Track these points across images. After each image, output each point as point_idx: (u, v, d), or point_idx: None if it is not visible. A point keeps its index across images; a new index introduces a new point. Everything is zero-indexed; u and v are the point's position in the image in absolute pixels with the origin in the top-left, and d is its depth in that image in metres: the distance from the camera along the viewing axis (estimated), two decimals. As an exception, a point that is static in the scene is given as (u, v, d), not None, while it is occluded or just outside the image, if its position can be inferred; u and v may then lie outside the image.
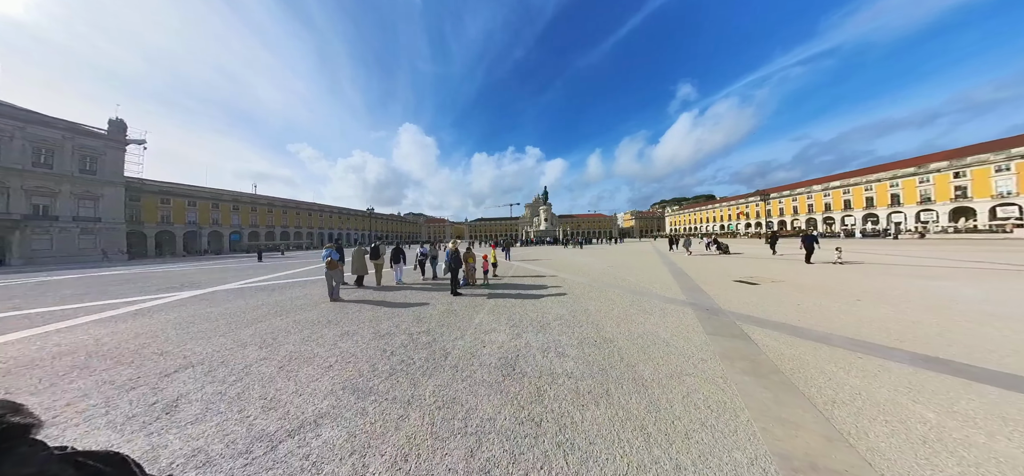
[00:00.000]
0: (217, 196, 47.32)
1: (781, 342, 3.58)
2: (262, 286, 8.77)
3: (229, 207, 48.70)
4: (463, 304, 5.87)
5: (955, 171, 37.07)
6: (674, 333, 3.91)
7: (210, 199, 45.78)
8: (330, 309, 5.65)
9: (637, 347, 3.52)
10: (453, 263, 6.62)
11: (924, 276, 8.01)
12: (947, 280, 7.39)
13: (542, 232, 51.75)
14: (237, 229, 49.18)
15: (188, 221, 42.39)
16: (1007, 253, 13.58)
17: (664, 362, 3.11)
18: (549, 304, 5.85)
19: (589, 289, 7.40)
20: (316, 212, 68.24)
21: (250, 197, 55.00)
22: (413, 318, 4.91)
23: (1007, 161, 33.36)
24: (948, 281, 7.29)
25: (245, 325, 4.71)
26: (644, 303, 5.70)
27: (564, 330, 4.23)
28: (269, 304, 6.24)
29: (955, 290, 6.31)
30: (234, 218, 49.44)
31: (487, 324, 4.58)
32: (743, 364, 3.04)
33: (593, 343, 3.70)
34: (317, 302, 6.34)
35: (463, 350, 3.56)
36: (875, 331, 3.91)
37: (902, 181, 41.88)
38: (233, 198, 49.95)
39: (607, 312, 5.15)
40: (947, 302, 5.31)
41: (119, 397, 2.62)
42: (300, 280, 10.00)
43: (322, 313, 5.38)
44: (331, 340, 3.95)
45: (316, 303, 6.24)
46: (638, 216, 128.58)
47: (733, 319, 4.50)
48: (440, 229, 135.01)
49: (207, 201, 45.28)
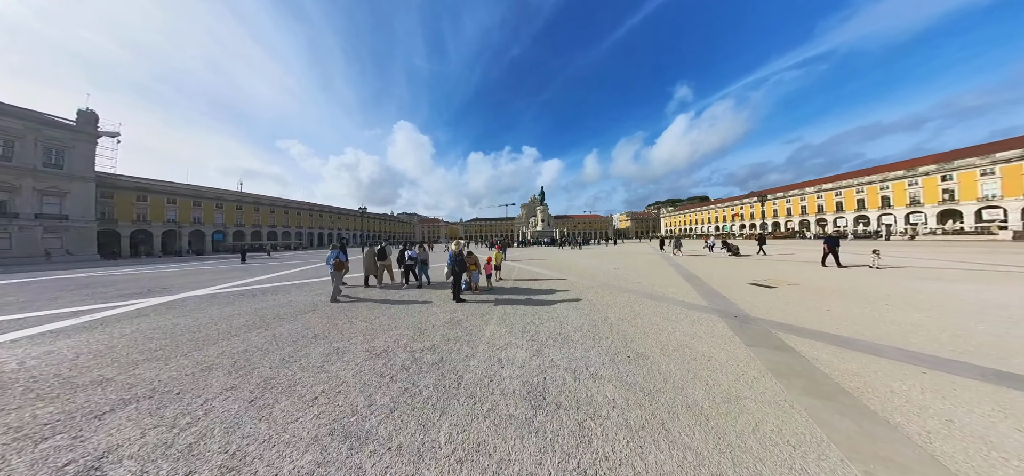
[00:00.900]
0: (199, 193, 45.33)
1: (829, 354, 3.28)
2: (242, 292, 7.98)
3: (212, 205, 46.73)
4: (468, 313, 5.30)
5: (943, 174, 38.32)
6: (711, 345, 3.56)
7: (191, 196, 43.80)
8: (317, 321, 5.00)
9: (676, 363, 3.12)
10: (456, 267, 6.03)
11: (936, 279, 7.85)
12: (963, 283, 7.23)
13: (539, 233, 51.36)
14: (221, 228, 47.22)
15: (167, 220, 40.43)
16: (999, 255, 13.80)
17: (713, 382, 2.73)
18: (564, 312, 5.34)
19: (602, 293, 6.94)
20: (306, 211, 66.28)
21: (235, 195, 52.98)
22: (414, 331, 4.32)
23: (992, 165, 34.63)
24: (964, 284, 7.14)
25: (215, 341, 4.03)
26: (666, 310, 5.30)
27: (590, 343, 3.75)
28: (247, 314, 5.53)
29: (977, 293, 6.14)
30: (217, 217, 47.46)
31: (500, 337, 4.03)
32: (801, 382, 2.71)
33: (626, 359, 3.25)
34: (303, 311, 5.66)
35: (478, 372, 3.01)
36: (924, 340, 3.66)
37: (892, 184, 43.11)
38: (216, 196, 47.97)
39: (630, 320, 4.72)
40: (980, 307, 5.07)
41: (17, 454, 1.93)
42: (284, 284, 9.22)
43: (307, 325, 4.73)
44: (317, 361, 3.33)
45: (301, 312, 5.56)
46: (634, 217, 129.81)
47: (766, 327, 4.20)
48: (434, 229, 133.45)
49: (188, 198, 43.30)
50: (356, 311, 5.56)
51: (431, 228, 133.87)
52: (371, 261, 8.22)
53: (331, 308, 5.80)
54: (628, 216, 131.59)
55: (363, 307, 5.84)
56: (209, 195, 46.75)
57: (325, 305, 6.15)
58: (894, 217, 42.57)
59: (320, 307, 5.97)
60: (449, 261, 6.30)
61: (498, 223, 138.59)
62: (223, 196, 49.37)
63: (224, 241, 46.58)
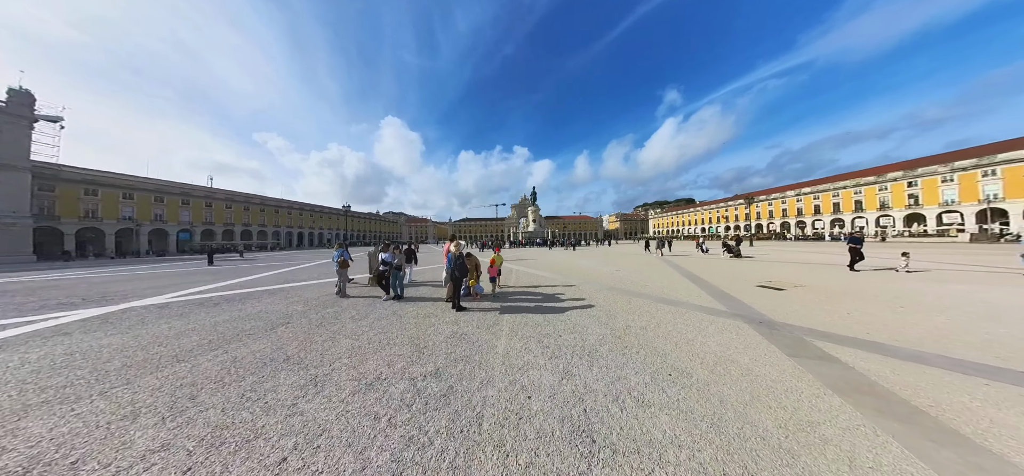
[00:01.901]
0: (162, 188, 41.68)
1: (877, 364, 3.10)
2: (202, 300, 6.91)
3: (177, 201, 43.12)
4: (473, 324, 4.66)
5: (908, 181, 41.43)
6: (752, 357, 3.26)
7: (152, 191, 40.18)
8: (292, 337, 4.19)
9: (725, 382, 2.77)
10: (456, 271, 5.37)
11: (931, 280, 7.99)
12: (960, 284, 7.40)
13: (531, 233, 51.10)
14: (187, 227, 43.66)
15: (123, 217, 36.84)
16: (970, 256, 14.71)
17: (775, 404, 2.43)
18: (580, 320, 4.82)
19: (612, 298, 6.51)
20: (285, 209, 62.73)
21: (204, 190, 49.27)
22: (411, 349, 3.64)
23: (951, 173, 37.72)
24: (962, 284, 7.30)
25: (153, 369, 3.18)
26: (687, 316, 4.96)
27: (620, 359, 3.28)
28: (203, 329, 4.59)
29: (977, 294, 6.29)
30: (183, 214, 43.85)
31: (517, 355, 3.45)
32: (869, 401, 2.46)
33: (669, 379, 2.83)
34: (274, 324, 4.80)
35: (501, 407, 2.42)
36: (964, 347, 3.55)
37: (864, 189, 46.12)
38: (182, 191, 44.32)
39: (655, 330, 4.31)
40: (992, 310, 5.07)
41: None
42: (256, 291, 8.14)
43: (279, 343, 3.92)
44: (289, 396, 2.60)
45: (273, 326, 4.70)
46: (623, 218, 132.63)
47: (798, 334, 4.02)
48: (422, 229, 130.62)
49: (148, 193, 39.68)
50: (340, 324, 4.77)
51: (419, 228, 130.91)
52: (375, 260, 8.87)
53: (309, 321, 4.97)
54: (617, 217, 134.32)
55: (348, 319, 5.06)
56: (173, 190, 43.10)
57: (302, 316, 5.31)
58: (866, 219, 45.52)
59: (296, 319, 5.11)
60: (447, 265, 5.62)
61: (488, 223, 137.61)
62: (190, 191, 45.69)
63: (190, 241, 43.07)
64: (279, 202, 63.39)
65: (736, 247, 15.56)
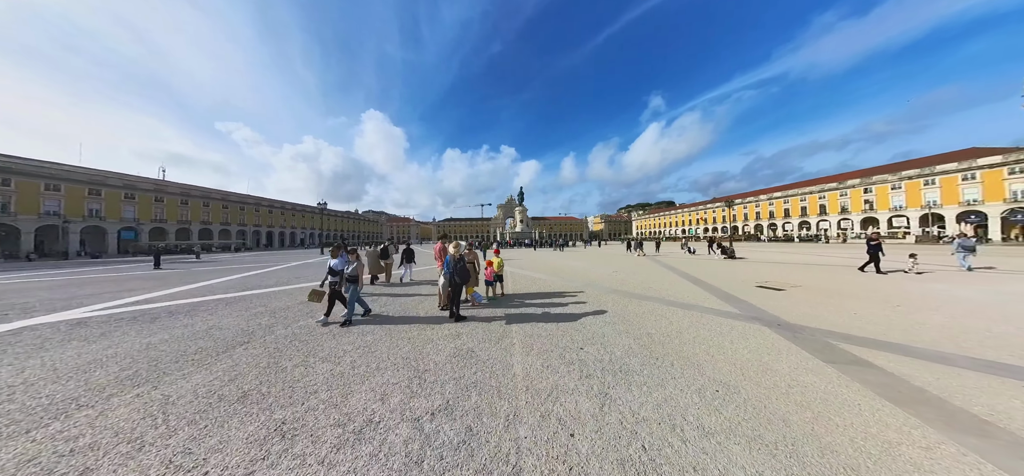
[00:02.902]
0: (99, 180, 36.74)
1: (913, 367, 3.06)
2: (136, 314, 5.63)
3: (118, 195, 38.27)
4: (478, 337, 4.06)
5: (865, 187, 45.78)
6: (790, 365, 3.12)
7: (85, 183, 35.29)
8: (251, 363, 3.33)
9: (776, 395, 2.56)
10: (456, 276, 4.72)
11: (913, 280, 8.41)
12: (937, 283, 7.78)
13: (518, 234, 50.84)
14: (131, 225, 38.87)
15: (46, 212, 32.04)
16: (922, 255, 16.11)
17: (840, 421, 2.24)
18: (598, 329, 4.40)
19: (621, 302, 6.18)
20: (252, 206, 57.90)
21: (154, 183, 44.22)
22: (410, 375, 2.97)
23: (899, 181, 42.15)
24: (938, 284, 7.69)
25: (31, 426, 2.24)
26: (703, 320, 4.76)
27: (658, 374, 2.94)
28: (129, 356, 3.53)
29: (956, 291, 6.78)
30: (127, 210, 39.03)
31: (540, 376, 2.93)
32: (930, 412, 2.34)
33: (717, 395, 2.59)
34: (230, 345, 3.85)
35: (540, 452, 1.89)
36: (977, 346, 3.60)
37: (828, 194, 50.41)
38: (126, 183, 39.39)
39: (677, 336, 4.04)
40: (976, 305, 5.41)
41: None
42: (210, 300, 6.93)
43: (234, 373, 3.06)
44: (242, 460, 1.85)
45: (227, 348, 3.74)
46: (607, 219, 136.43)
47: (819, 337, 3.97)
48: (405, 228, 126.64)
49: (80, 185, 34.80)
50: (315, 342, 3.95)
51: (401, 227, 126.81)
52: (375, 260, 8.72)
53: (276, 338, 4.10)
54: (602, 219, 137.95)
55: (326, 335, 4.24)
56: (115, 182, 38.16)
57: (268, 332, 4.41)
58: (829, 222, 49.77)
59: (259, 336, 4.19)
60: (446, 269, 4.96)
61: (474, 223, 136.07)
62: (135, 184, 40.74)
63: (136, 240, 38.38)
64: (245, 198, 58.40)
65: (731, 249, 16.13)
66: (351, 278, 4.76)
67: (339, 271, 4.76)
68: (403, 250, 9.48)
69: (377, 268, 8.90)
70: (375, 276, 8.94)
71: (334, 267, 4.77)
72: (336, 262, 4.80)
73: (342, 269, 4.76)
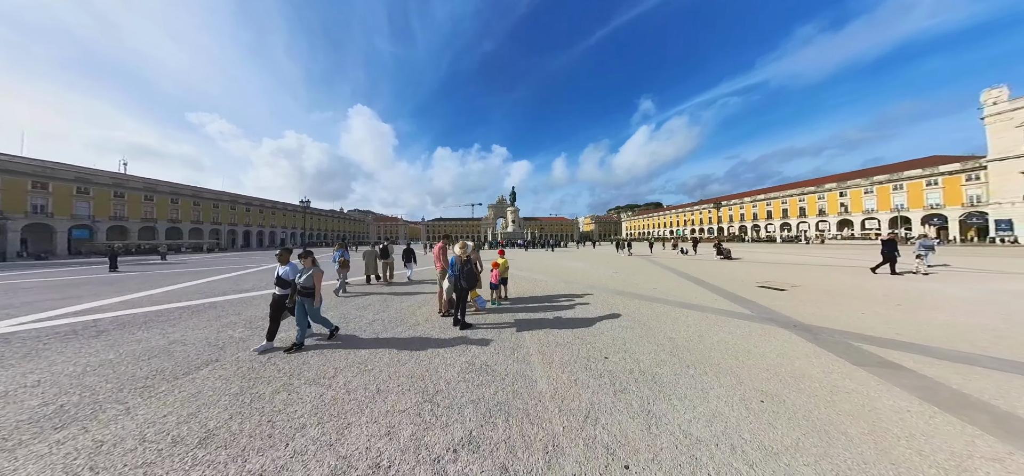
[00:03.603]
0: (44, 172, 33.36)
1: (943, 369, 3.03)
2: (77, 327, 4.69)
3: (70, 189, 34.96)
4: (490, 347, 3.65)
5: (840, 191, 48.53)
6: (823, 370, 3.04)
7: (28, 175, 31.95)
8: (219, 389, 2.74)
9: (824, 406, 2.42)
10: (462, 280, 4.28)
11: (910, 280, 8.68)
12: (934, 283, 8.01)
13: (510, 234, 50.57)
14: (85, 222, 35.62)
15: (-17, 208, 28.74)
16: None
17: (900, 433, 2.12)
18: (616, 334, 4.13)
19: (631, 304, 5.96)
20: (227, 203, 54.59)
21: (113, 177, 40.77)
22: (419, 399, 2.51)
23: (871, 186, 44.98)
24: (937, 284, 7.89)
25: None
26: (720, 323, 4.66)
27: (695, 385, 2.73)
28: (58, 383, 2.83)
29: (949, 290, 7.03)
30: (79, 206, 35.74)
31: (570, 391, 2.60)
32: (985, 419, 2.26)
33: (763, 407, 2.40)
34: (193, 367, 3.19)
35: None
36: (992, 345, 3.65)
37: (807, 197, 53.10)
38: (78, 176, 36.05)
39: (698, 340, 3.88)
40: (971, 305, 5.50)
41: None
42: (173, 308, 6.10)
43: (195, 405, 2.46)
44: None
45: (189, 370, 3.11)
46: (597, 220, 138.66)
47: (839, 338, 3.94)
48: (392, 228, 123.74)
49: (21, 178, 31.46)
50: (302, 360, 3.36)
51: (388, 227, 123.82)
52: (372, 260, 8.86)
53: (251, 358, 3.48)
54: (592, 219, 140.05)
55: (312, 349, 3.68)
56: (64, 174, 34.81)
57: (240, 346, 3.80)
58: (808, 224, 52.43)
59: (230, 353, 3.55)
60: (450, 273, 4.50)
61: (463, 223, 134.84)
62: (90, 177, 37.35)
63: (90, 239, 35.20)
64: (220, 195, 55.04)
65: (726, 249, 16.57)
66: (304, 290, 3.68)
67: (289, 282, 3.75)
68: (404, 250, 9.67)
69: (373, 267, 8.97)
70: (371, 276, 9.02)
71: (283, 277, 3.76)
72: (285, 270, 3.80)
73: (292, 279, 3.75)
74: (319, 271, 3.83)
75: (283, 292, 3.74)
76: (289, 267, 3.85)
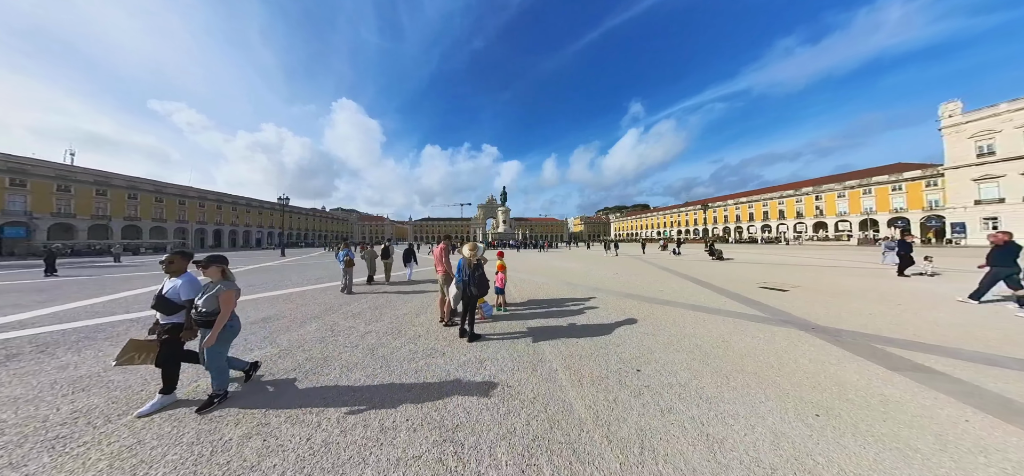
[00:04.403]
0: (-25, 163, 29.62)
1: (975, 373, 2.99)
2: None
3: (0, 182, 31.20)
4: (508, 364, 3.21)
5: (816, 195, 51.59)
6: (861, 376, 2.95)
7: (-44, 167, 28.24)
8: (168, 446, 2.19)
9: (880, 418, 2.29)
10: (472, 287, 3.81)
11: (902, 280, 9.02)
12: (922, 283, 8.35)
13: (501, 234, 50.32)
14: (21, 220, 31.96)
15: None
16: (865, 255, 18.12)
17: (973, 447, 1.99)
18: (639, 342, 3.88)
19: (643, 308, 5.75)
20: (195, 199, 50.85)
21: (57, 168, 36.84)
22: (437, 432, 2.04)
23: (843, 190, 48.09)
24: (925, 284, 8.23)
25: None
26: (740, 327, 4.54)
27: (745, 401, 2.48)
28: None
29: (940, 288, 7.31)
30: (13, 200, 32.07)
31: (610, 414, 2.29)
32: None
33: (819, 420, 2.26)
34: (132, 406, 2.45)
35: None
36: (1004, 345, 3.67)
37: (786, 200, 56.06)
38: (11, 167, 32.26)
39: (725, 347, 3.70)
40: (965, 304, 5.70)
41: None
42: (118, 320, 5.17)
43: (132, 460, 1.86)
44: None
45: (127, 411, 2.42)
46: (586, 221, 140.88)
47: (861, 341, 3.91)
48: (378, 228, 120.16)
49: (-52, 170, 27.75)
50: (278, 386, 2.80)
51: (374, 226, 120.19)
52: (371, 259, 9.00)
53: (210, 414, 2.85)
54: (582, 220, 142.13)
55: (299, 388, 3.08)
56: (-1, 167, 31.05)
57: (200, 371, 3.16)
58: (787, 226, 55.36)
59: (183, 385, 2.73)
60: (458, 278, 4.04)
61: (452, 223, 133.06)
62: (28, 167, 33.50)
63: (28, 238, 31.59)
64: (186, 190, 51.18)
65: (719, 251, 17.05)
66: (202, 319, 2.39)
67: (185, 304, 2.50)
68: (405, 250, 9.89)
69: (373, 267, 9.08)
70: (371, 277, 9.08)
71: (171, 296, 2.49)
72: (175, 287, 2.52)
73: (191, 300, 2.48)
74: (230, 290, 2.49)
75: (169, 321, 2.45)
76: (182, 283, 2.52)
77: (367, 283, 8.69)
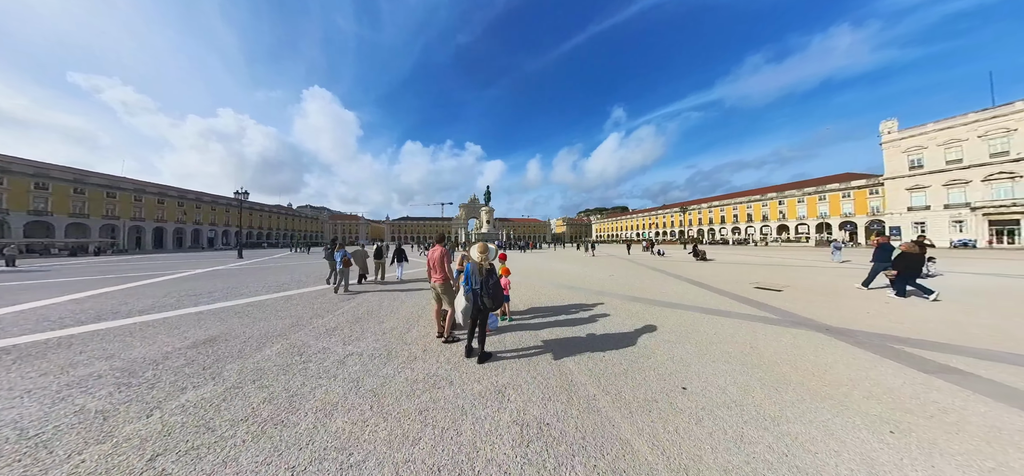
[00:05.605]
0: None
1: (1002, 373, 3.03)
2: None
3: None
4: (531, 390, 2.71)
5: (780, 200, 56.59)
6: (901, 381, 2.91)
7: None
8: None
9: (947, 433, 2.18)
10: (486, 298, 3.22)
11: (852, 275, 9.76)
12: None
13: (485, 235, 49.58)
14: None
15: None
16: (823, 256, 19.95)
17: None
18: (670, 352, 3.58)
19: (654, 312, 5.55)
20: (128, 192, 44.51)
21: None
22: None
23: (802, 196, 53.23)
24: None
25: None
26: (759, 330, 4.48)
27: (810, 420, 2.27)
28: None
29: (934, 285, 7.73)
30: None
31: (678, 452, 1.91)
32: None
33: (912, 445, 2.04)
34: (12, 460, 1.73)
35: None
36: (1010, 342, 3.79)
37: (754, 204, 60.98)
38: None
39: (754, 353, 3.55)
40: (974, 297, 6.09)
41: None
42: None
43: None
44: None
45: None
46: (569, 222, 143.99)
47: (879, 342, 3.92)
48: (352, 227, 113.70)
49: None
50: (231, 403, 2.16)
51: (347, 225, 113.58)
52: (362, 260, 9.21)
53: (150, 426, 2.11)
54: (564, 221, 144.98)
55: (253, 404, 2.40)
56: None
57: (101, 421, 2.34)
58: (754, 228, 60.18)
59: (93, 429, 2.11)
60: (465, 285, 3.48)
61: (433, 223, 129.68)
62: None
63: None
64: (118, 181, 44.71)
65: (703, 251, 17.92)
66: None
67: None
68: (395, 250, 10.32)
69: (363, 267, 9.30)
70: (362, 277, 9.36)
71: None
72: None
73: None
74: None
75: None
76: None
77: (358, 283, 8.95)
